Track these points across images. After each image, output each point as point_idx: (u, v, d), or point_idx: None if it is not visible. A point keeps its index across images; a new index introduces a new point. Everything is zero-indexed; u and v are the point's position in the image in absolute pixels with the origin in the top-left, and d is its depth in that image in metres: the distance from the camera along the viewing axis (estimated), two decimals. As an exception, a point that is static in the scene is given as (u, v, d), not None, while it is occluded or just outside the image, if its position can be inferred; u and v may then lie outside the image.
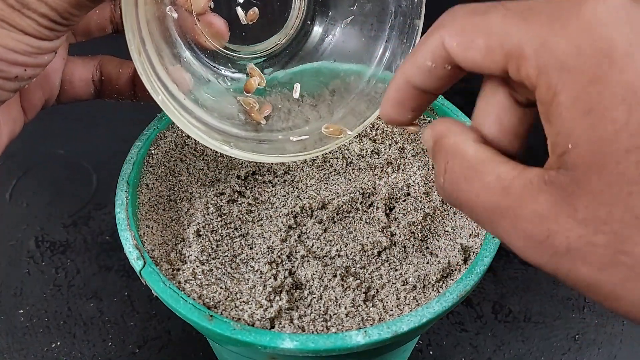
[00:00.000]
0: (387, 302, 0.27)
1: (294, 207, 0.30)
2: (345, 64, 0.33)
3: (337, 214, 0.30)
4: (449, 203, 0.19)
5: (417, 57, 0.19)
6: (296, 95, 0.32)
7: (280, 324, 0.25)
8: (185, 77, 0.27)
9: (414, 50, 0.20)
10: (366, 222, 0.30)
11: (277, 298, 0.26)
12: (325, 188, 0.32)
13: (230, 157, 0.33)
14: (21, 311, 0.43)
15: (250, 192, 0.31)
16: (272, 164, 0.33)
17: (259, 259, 0.28)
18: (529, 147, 0.20)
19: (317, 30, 0.33)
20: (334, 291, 0.27)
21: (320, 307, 0.26)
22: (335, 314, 0.26)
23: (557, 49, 0.15)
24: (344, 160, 0.33)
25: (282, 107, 0.32)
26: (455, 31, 0.18)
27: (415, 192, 0.31)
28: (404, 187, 0.31)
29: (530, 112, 0.19)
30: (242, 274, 0.28)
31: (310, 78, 0.33)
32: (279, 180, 0.32)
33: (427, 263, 0.29)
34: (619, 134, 0.14)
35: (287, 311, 0.26)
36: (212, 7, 0.29)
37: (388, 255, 0.29)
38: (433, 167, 0.20)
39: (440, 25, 0.18)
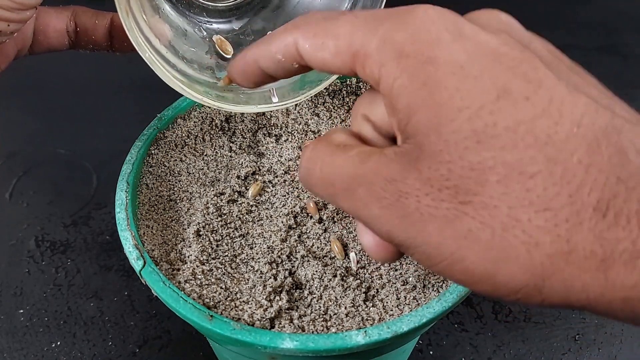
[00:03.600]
0: (387, 302, 0.27)
1: (294, 207, 0.30)
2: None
3: (337, 214, 0.30)
4: (309, 188, 0.20)
5: (270, 47, 0.21)
6: None
7: (280, 324, 0.25)
8: (165, 28, 0.28)
9: (267, 39, 0.21)
10: (366, 222, 0.30)
11: (277, 298, 0.26)
12: (325, 188, 0.32)
13: (230, 157, 0.34)
14: (21, 311, 0.43)
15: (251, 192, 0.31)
16: (272, 163, 0.33)
17: (259, 258, 0.28)
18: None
19: None
20: (334, 291, 0.27)
21: (320, 307, 0.26)
22: (335, 314, 0.26)
23: (395, 41, 0.17)
24: (344, 160, 0.33)
25: None
26: (308, 34, 0.19)
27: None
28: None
29: None
30: (242, 274, 0.28)
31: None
32: (279, 180, 0.32)
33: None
34: (452, 97, 0.16)
35: (287, 311, 0.26)
36: None
37: (388, 255, 0.29)
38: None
39: (294, 27, 0.20)
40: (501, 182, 0.15)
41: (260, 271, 0.28)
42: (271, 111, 0.33)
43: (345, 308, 0.26)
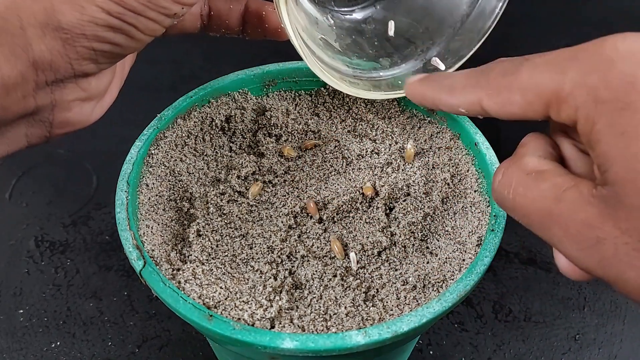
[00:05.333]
0: (387, 302, 0.27)
1: (294, 207, 0.30)
2: (438, 3, 0.34)
3: (337, 214, 0.30)
4: (501, 207, 0.21)
5: (451, 100, 0.22)
6: (391, 32, 0.34)
7: (280, 323, 0.25)
8: (300, 16, 0.29)
9: (447, 88, 0.22)
10: (366, 222, 0.30)
11: (277, 298, 0.26)
12: (325, 188, 0.32)
13: (230, 157, 0.34)
14: (21, 311, 0.43)
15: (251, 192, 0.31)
16: (272, 163, 0.33)
17: (259, 258, 0.28)
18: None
19: None
20: (334, 291, 0.27)
21: (320, 307, 0.26)
22: (335, 314, 0.26)
23: (589, 85, 0.17)
24: (344, 160, 0.33)
25: (380, 45, 0.34)
26: (492, 93, 0.20)
27: (415, 192, 0.31)
28: (404, 187, 0.31)
29: None
30: (242, 274, 0.28)
31: (403, 17, 0.35)
32: (279, 180, 0.32)
33: (427, 263, 0.29)
34: None
35: (287, 311, 0.26)
36: None
37: (388, 255, 0.29)
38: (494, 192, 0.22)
39: (476, 85, 0.21)
40: None
41: (260, 271, 0.28)
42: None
43: (345, 308, 0.26)
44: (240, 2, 0.30)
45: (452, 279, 0.27)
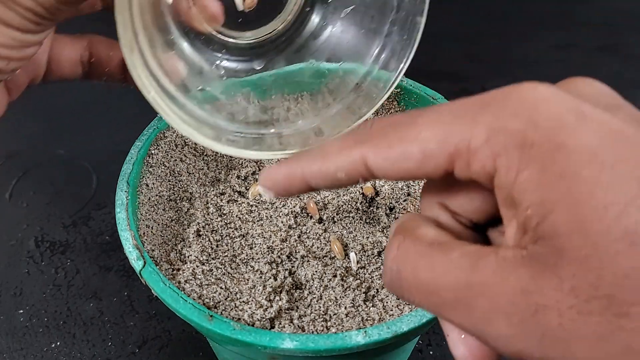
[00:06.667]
0: (387, 302, 0.27)
1: (294, 207, 0.30)
2: (342, 63, 0.33)
3: (337, 214, 0.30)
4: (397, 293, 0.18)
5: (327, 165, 0.18)
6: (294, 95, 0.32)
7: (280, 324, 0.25)
8: (179, 66, 0.27)
9: (320, 156, 0.19)
10: (366, 222, 0.30)
11: (277, 298, 0.26)
12: (325, 188, 0.32)
13: (231, 157, 0.33)
14: (21, 311, 0.43)
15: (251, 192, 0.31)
16: (272, 164, 0.33)
17: (259, 259, 0.28)
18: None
19: (316, 18, 0.33)
20: (334, 291, 0.27)
21: (320, 307, 0.26)
22: (335, 314, 0.26)
23: (512, 130, 0.15)
24: (344, 160, 0.33)
25: (282, 105, 0.32)
26: (380, 147, 0.17)
27: (415, 192, 0.31)
28: (404, 187, 0.31)
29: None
30: (242, 274, 0.28)
31: (307, 78, 0.33)
32: (279, 180, 0.32)
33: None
34: (594, 192, 0.14)
35: (287, 311, 0.26)
36: None
37: (388, 255, 0.29)
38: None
39: (358, 142, 0.18)
40: None
41: (260, 271, 0.28)
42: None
43: (345, 308, 0.26)
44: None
45: (452, 279, 0.27)
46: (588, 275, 0.14)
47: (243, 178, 0.32)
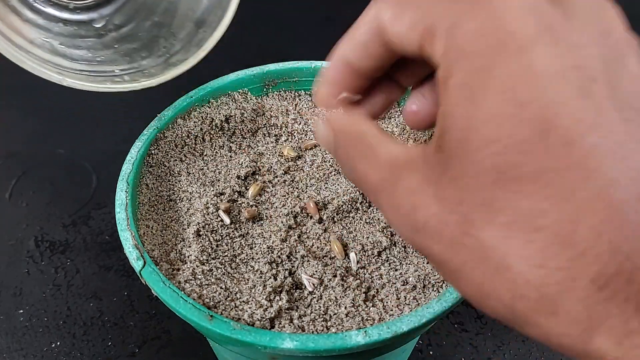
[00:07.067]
0: (387, 302, 0.27)
1: (294, 207, 0.30)
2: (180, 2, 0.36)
3: (337, 214, 0.30)
4: (354, 183, 0.20)
5: (355, 32, 0.19)
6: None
7: (280, 324, 0.25)
8: (23, 28, 0.31)
9: (353, 25, 0.20)
10: (366, 222, 0.30)
11: (277, 298, 0.26)
12: (325, 188, 0.32)
13: (230, 157, 0.34)
14: (21, 311, 0.43)
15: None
16: (272, 163, 0.33)
17: (259, 259, 0.28)
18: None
19: None
20: (334, 291, 0.27)
21: (320, 307, 0.26)
22: (335, 314, 0.26)
23: (462, 32, 0.15)
24: (344, 160, 0.33)
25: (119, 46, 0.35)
26: (391, 4, 0.18)
27: (415, 192, 0.31)
28: (404, 187, 0.31)
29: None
30: (242, 274, 0.28)
31: (143, 19, 0.36)
32: (278, 180, 0.32)
33: (428, 263, 0.29)
34: (487, 123, 0.14)
35: (287, 311, 0.26)
36: None
37: (388, 255, 0.29)
38: (337, 159, 0.21)
39: (374, 1, 0.19)
40: (505, 226, 0.15)
41: (260, 271, 0.28)
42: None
43: (345, 308, 0.26)
44: None
45: (452, 279, 0.27)
46: (456, 193, 0.15)
47: (243, 178, 0.32)
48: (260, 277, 0.27)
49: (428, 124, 0.21)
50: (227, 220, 0.29)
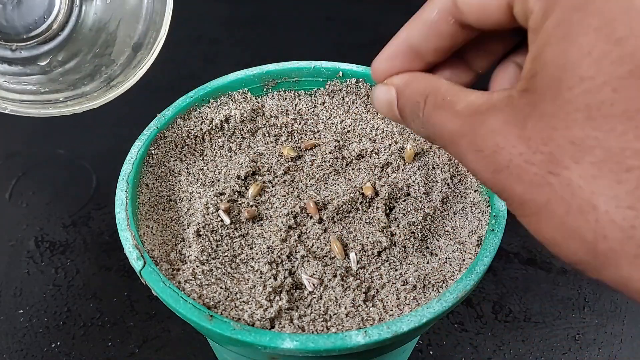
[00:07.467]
0: (387, 302, 0.27)
1: (294, 207, 0.30)
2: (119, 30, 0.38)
3: (337, 214, 0.30)
4: (426, 138, 0.20)
5: (422, 12, 0.20)
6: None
7: (280, 324, 0.25)
8: None
9: (423, 6, 0.20)
10: (366, 222, 0.30)
11: (277, 298, 0.26)
12: (325, 188, 0.32)
13: (230, 157, 0.34)
14: (21, 311, 0.43)
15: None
16: (272, 163, 0.33)
17: (259, 259, 0.28)
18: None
19: (88, 10, 0.38)
20: (334, 291, 0.27)
21: (320, 307, 0.26)
22: (335, 314, 0.26)
23: None
24: (344, 160, 0.33)
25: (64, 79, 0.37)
26: None
27: (415, 192, 0.31)
28: (404, 187, 0.31)
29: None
30: (242, 274, 0.28)
31: (85, 52, 0.38)
32: (278, 180, 0.32)
33: (427, 263, 0.29)
34: (581, 61, 0.14)
35: (287, 311, 0.26)
36: None
37: (388, 255, 0.29)
38: (402, 116, 0.21)
39: None
40: (595, 165, 0.14)
41: (260, 271, 0.28)
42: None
43: (345, 308, 0.26)
44: None
45: (452, 279, 0.27)
46: (544, 131, 0.15)
47: (243, 178, 0.32)
48: (260, 277, 0.27)
49: None
50: (227, 221, 0.29)
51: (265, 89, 0.37)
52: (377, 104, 0.22)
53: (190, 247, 0.28)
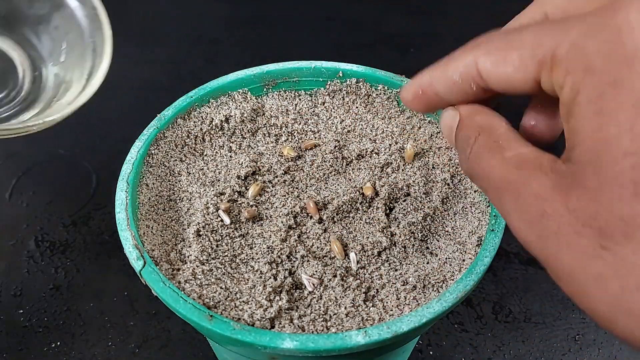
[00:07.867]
0: (387, 302, 0.27)
1: (294, 207, 0.30)
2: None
3: (337, 214, 0.30)
4: (467, 175, 0.20)
5: (446, 69, 0.20)
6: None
7: (280, 324, 0.25)
8: None
9: (445, 61, 0.21)
10: (366, 222, 0.30)
11: (277, 298, 0.26)
12: (325, 188, 0.32)
13: (230, 157, 0.34)
14: (21, 311, 0.43)
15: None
16: (272, 163, 0.33)
17: (259, 259, 0.28)
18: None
19: (47, 73, 0.39)
20: (334, 291, 0.27)
21: (320, 307, 0.26)
22: (335, 314, 0.26)
23: (585, 51, 0.16)
24: (344, 160, 0.33)
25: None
26: (490, 50, 0.19)
27: (415, 192, 0.31)
28: (404, 187, 0.31)
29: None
30: (242, 274, 0.28)
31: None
32: (278, 180, 0.32)
33: (427, 263, 0.29)
34: (621, 137, 0.15)
35: (287, 311, 0.26)
36: None
37: (388, 256, 0.29)
38: (456, 144, 0.22)
39: (475, 46, 0.19)
40: None
41: (260, 271, 0.28)
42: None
43: (345, 308, 0.26)
44: None
45: (452, 279, 0.27)
46: (590, 206, 0.15)
47: (243, 178, 0.32)
48: (260, 277, 0.27)
49: (547, 138, 0.22)
50: (227, 220, 0.29)
51: (265, 89, 0.37)
52: (441, 126, 0.22)
53: (190, 247, 0.28)
